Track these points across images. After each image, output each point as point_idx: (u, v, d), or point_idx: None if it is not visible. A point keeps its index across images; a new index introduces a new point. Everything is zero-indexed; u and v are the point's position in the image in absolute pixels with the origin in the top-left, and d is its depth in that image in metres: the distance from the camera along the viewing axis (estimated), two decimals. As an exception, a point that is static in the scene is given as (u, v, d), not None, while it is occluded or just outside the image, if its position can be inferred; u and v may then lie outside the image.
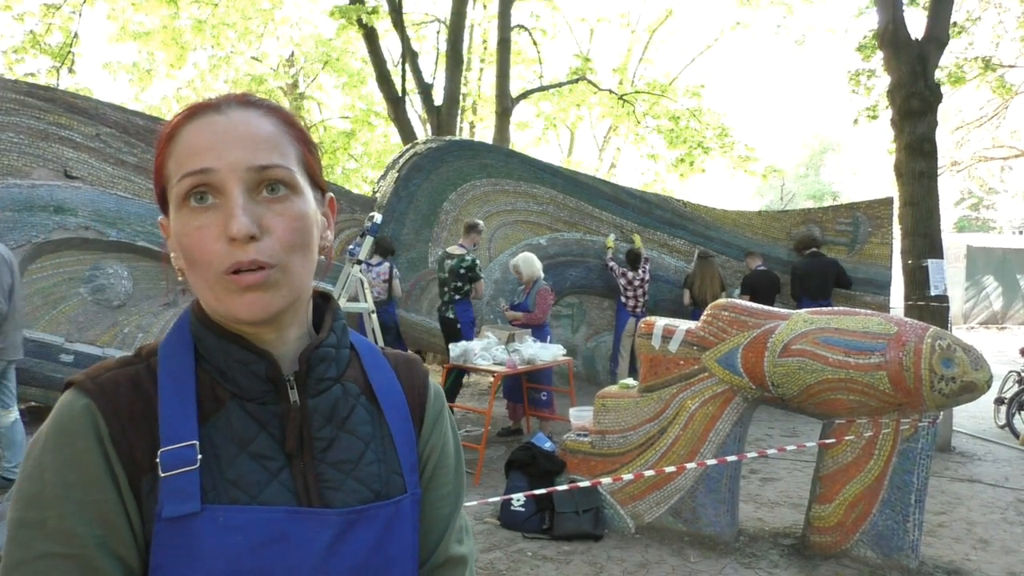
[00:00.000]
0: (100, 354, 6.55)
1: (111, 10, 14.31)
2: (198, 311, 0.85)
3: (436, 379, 1.09)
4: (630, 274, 8.41)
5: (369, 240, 6.57)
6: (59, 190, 6.59)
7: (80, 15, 13.18)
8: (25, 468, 0.75)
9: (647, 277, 8.48)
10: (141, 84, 16.08)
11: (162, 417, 0.78)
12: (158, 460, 0.76)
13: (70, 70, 12.98)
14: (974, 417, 8.09)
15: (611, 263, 8.63)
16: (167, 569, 0.74)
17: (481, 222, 7.48)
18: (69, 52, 12.91)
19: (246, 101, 0.81)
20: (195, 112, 0.79)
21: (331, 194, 0.93)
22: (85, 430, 0.75)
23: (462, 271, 6.98)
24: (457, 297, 7.01)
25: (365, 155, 19.28)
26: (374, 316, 6.71)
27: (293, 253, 0.78)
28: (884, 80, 12.19)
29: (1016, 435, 7.18)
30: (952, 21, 9.37)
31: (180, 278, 0.82)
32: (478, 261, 7.09)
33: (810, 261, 8.54)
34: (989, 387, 3.68)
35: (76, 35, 13.06)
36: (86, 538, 0.72)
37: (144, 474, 0.76)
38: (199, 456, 0.77)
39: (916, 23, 8.85)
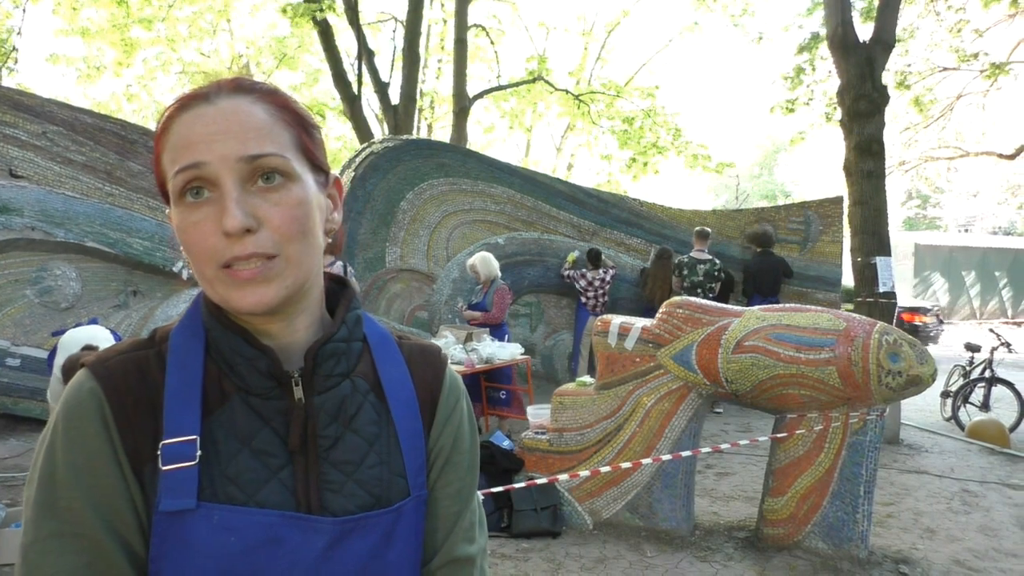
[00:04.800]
0: (47, 358, 6.38)
1: (56, 4, 13.94)
2: (208, 300, 0.83)
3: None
4: (590, 274, 8.44)
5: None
6: (4, 190, 6.41)
7: (24, 11, 12.80)
8: (42, 447, 0.76)
9: (608, 278, 8.50)
10: (89, 80, 15.71)
11: (166, 408, 0.78)
12: (159, 452, 0.76)
13: (9, 70, 12.55)
14: (921, 410, 8.31)
15: (566, 272, 8.65)
16: (162, 561, 0.74)
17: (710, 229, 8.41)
18: (14, 49, 12.51)
19: (237, 87, 0.80)
20: (185, 104, 0.78)
21: (335, 174, 0.90)
22: (91, 414, 0.76)
23: (716, 273, 8.07)
24: (712, 297, 7.82)
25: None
26: None
27: (292, 242, 0.77)
28: (810, 78, 12.47)
29: (961, 427, 7.39)
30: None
31: (191, 269, 0.81)
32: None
33: (762, 259, 8.69)
34: (934, 380, 3.78)
35: (19, 31, 12.67)
36: (93, 520, 0.73)
37: (146, 463, 0.76)
38: (199, 452, 0.76)
39: (863, 27, 9.06)
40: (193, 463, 0.76)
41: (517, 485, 4.25)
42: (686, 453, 4.16)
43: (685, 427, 4.25)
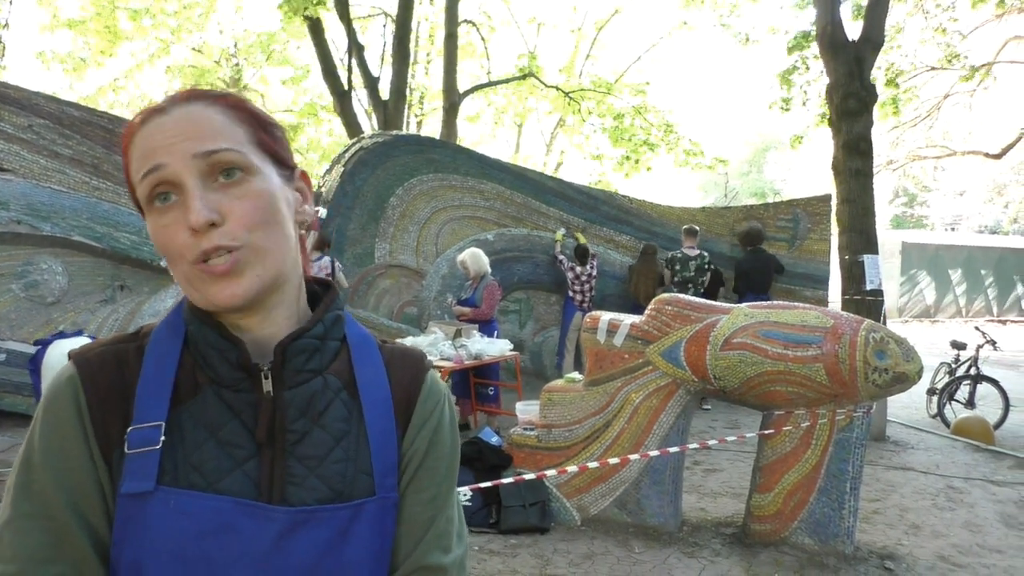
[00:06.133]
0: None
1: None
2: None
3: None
4: (578, 269, 8.48)
5: (312, 235, 6.51)
6: (-11, 183, 6.36)
7: (11, 3, 12.66)
8: (29, 431, 0.81)
9: (594, 273, 8.56)
10: (76, 73, 15.55)
11: (138, 395, 0.81)
12: (126, 437, 0.79)
13: None
14: (907, 407, 8.36)
15: (560, 256, 8.69)
16: (123, 544, 0.77)
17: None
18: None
19: (190, 97, 0.83)
20: (145, 118, 0.81)
21: (301, 168, 0.92)
22: (68, 400, 0.80)
23: (706, 267, 8.30)
24: (702, 291, 8.18)
25: (310, 149, 19.03)
26: None
27: (258, 231, 0.79)
28: (804, 76, 12.51)
29: (947, 424, 7.44)
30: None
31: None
32: None
33: (753, 257, 8.71)
34: (920, 378, 3.81)
35: (6, 24, 12.53)
36: (61, 503, 0.77)
37: (114, 449, 0.79)
38: (163, 437, 0.78)
39: (852, 26, 9.09)
40: (156, 447, 0.78)
41: (505, 481, 4.25)
42: (674, 449, 4.18)
43: (673, 423, 4.26)
